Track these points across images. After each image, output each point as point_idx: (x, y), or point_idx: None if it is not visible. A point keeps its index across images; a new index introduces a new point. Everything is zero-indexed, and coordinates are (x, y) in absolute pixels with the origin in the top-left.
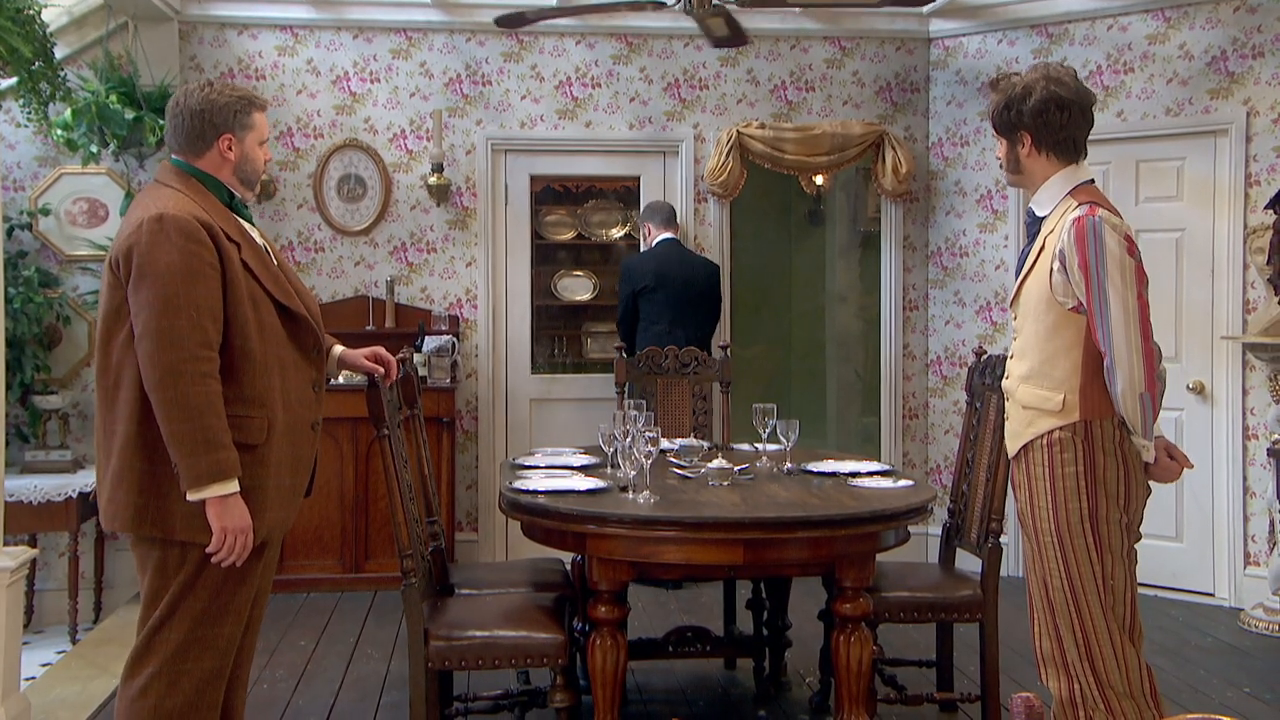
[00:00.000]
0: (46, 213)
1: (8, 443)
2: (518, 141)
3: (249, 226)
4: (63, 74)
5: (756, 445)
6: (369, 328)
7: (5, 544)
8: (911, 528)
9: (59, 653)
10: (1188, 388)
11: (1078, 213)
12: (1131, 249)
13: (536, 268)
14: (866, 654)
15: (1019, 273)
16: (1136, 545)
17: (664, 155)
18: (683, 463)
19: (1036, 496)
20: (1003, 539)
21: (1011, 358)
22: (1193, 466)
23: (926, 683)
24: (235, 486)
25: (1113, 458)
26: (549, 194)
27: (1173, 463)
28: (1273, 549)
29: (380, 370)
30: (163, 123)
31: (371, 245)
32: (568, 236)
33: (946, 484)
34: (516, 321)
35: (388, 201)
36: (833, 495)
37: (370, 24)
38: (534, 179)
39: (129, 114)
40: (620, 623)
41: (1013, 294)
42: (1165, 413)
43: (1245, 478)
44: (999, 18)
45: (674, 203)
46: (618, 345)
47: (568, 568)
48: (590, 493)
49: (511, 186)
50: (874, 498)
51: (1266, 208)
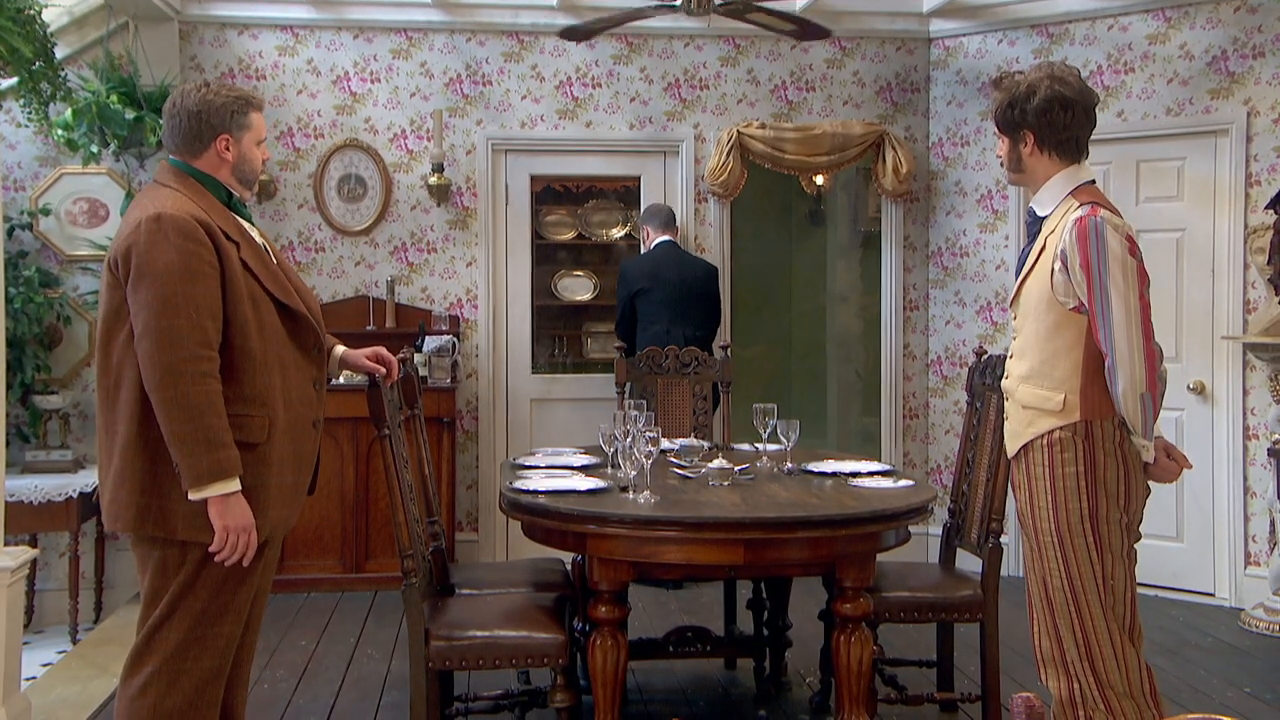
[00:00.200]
0: (47, 213)
1: (8, 443)
2: (518, 141)
3: (248, 226)
4: (63, 74)
5: (757, 445)
6: (369, 328)
7: (6, 544)
8: (912, 528)
9: (59, 653)
10: (1188, 388)
11: (1079, 213)
12: (1133, 249)
13: (537, 268)
14: (867, 654)
15: (1019, 272)
16: (1136, 545)
17: (664, 155)
18: (683, 463)
19: (1036, 496)
20: (1003, 539)
21: (1011, 357)
22: (1191, 467)
23: (927, 683)
24: (237, 485)
25: (1113, 458)
26: (549, 194)
27: (1172, 463)
28: (1273, 549)
29: (381, 370)
30: (163, 123)
31: (372, 245)
32: (568, 236)
33: (947, 484)
34: (517, 321)
35: (388, 201)
36: (833, 495)
37: (370, 24)
38: (534, 179)
39: (129, 114)
40: (621, 623)
41: (1013, 294)
42: (1166, 413)
43: (1246, 478)
44: (999, 18)
45: (674, 203)
46: (618, 345)
47: (568, 568)
48: (591, 493)
49: (512, 186)
50: (874, 498)
51: (1267, 208)
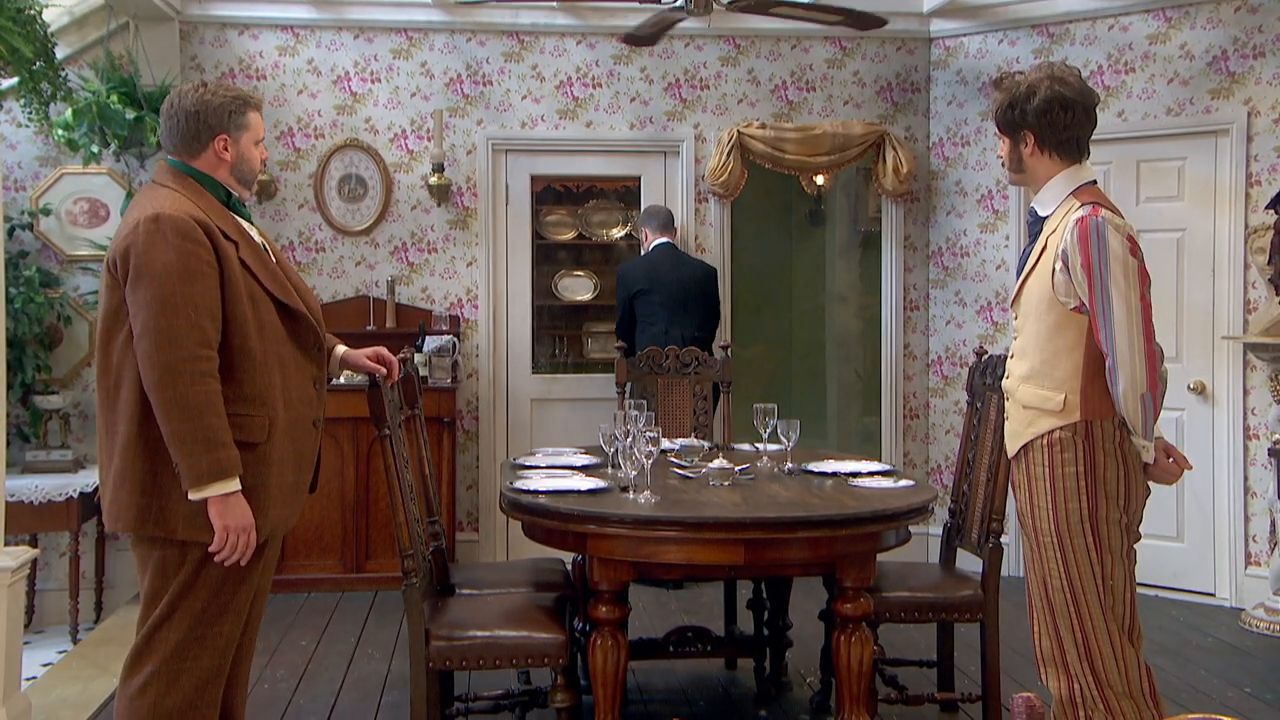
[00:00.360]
0: (47, 213)
1: (9, 443)
2: (518, 141)
3: (247, 225)
4: (64, 74)
5: (757, 445)
6: (370, 328)
7: (6, 544)
8: (912, 528)
9: (60, 652)
10: (1189, 388)
11: (1080, 213)
12: (1134, 249)
13: (537, 268)
14: (867, 654)
15: (1020, 272)
16: (1136, 545)
17: (665, 155)
18: (683, 463)
19: (1036, 496)
20: (1003, 539)
21: (1012, 357)
22: (1192, 468)
23: (927, 683)
24: (237, 485)
25: (1113, 458)
26: (550, 194)
27: (1172, 464)
28: (1273, 549)
29: (382, 370)
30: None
31: (372, 245)
32: (568, 236)
33: (947, 484)
34: (517, 321)
35: (388, 201)
36: (833, 495)
37: (371, 24)
38: (535, 179)
39: (130, 114)
40: (621, 623)
41: (1014, 294)
42: (1166, 413)
43: (1246, 478)
44: (1000, 18)
45: (675, 203)
46: (618, 345)
47: (568, 568)
48: (591, 493)
49: (512, 186)
50: (875, 498)
51: (1267, 208)
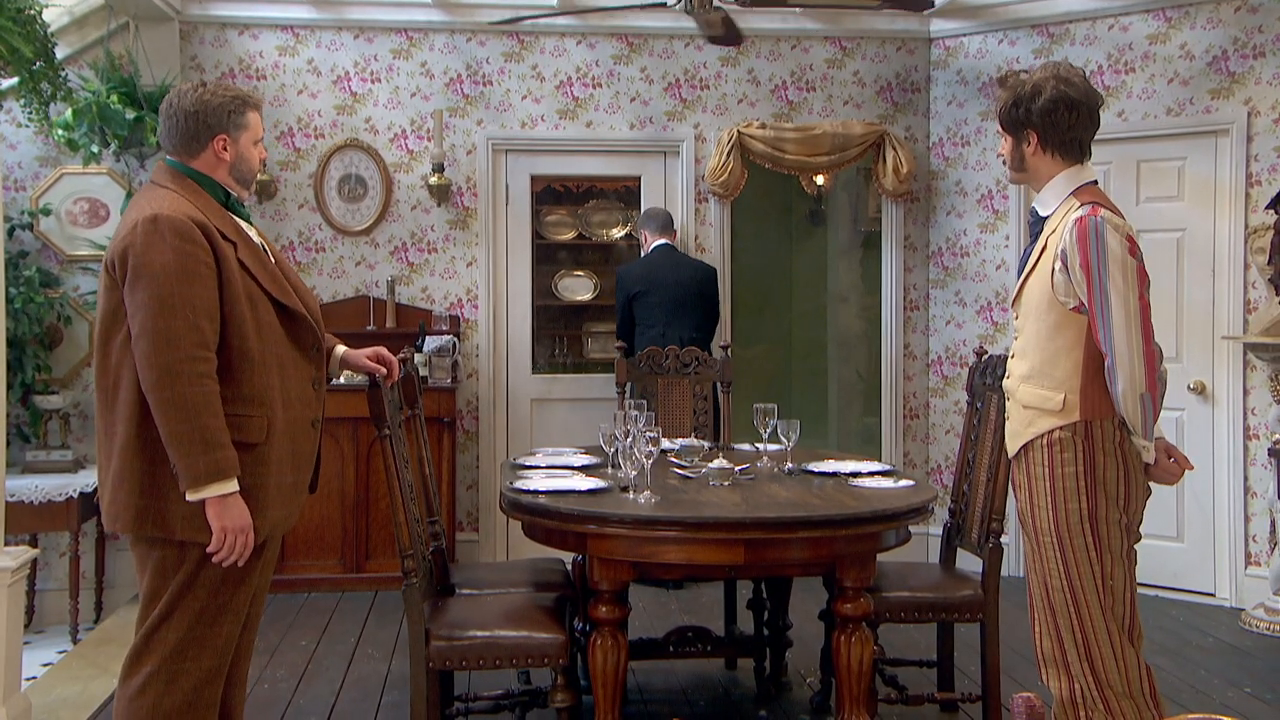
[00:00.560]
0: (47, 213)
1: (9, 443)
2: (518, 141)
3: (246, 225)
4: (64, 74)
5: (757, 445)
6: (370, 328)
7: (6, 544)
8: (912, 528)
9: (60, 652)
10: (1188, 388)
11: (1080, 213)
12: (1133, 249)
13: (537, 268)
14: (867, 654)
15: (1021, 272)
16: (1136, 546)
17: (665, 155)
18: (683, 463)
19: (1036, 496)
20: (1003, 539)
21: (1012, 357)
22: (1193, 468)
23: (927, 683)
24: (235, 486)
25: (1113, 458)
26: (549, 194)
27: (1173, 464)
28: (1274, 549)
29: (382, 370)
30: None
31: (372, 245)
32: (568, 236)
33: (947, 484)
34: (517, 321)
35: (388, 201)
36: (833, 495)
37: (371, 24)
38: (535, 179)
39: (130, 114)
40: (621, 623)
41: (1014, 293)
42: (1166, 413)
43: (1246, 478)
44: (1000, 18)
45: (675, 203)
46: (618, 345)
47: (568, 568)
48: (591, 493)
49: (512, 186)
50: (875, 498)
51: (1267, 208)
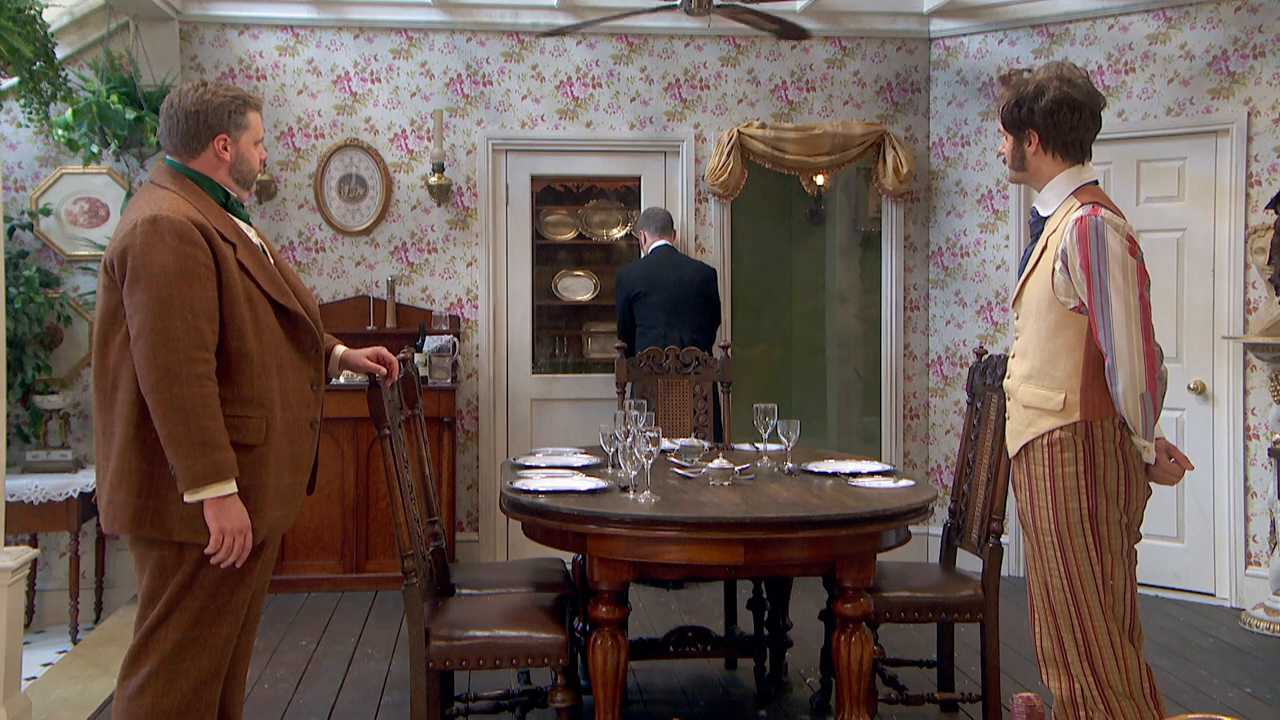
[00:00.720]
0: (47, 213)
1: (8, 443)
2: (518, 141)
3: (246, 226)
4: (64, 74)
5: (757, 445)
6: (370, 328)
7: (6, 544)
8: (912, 528)
9: (60, 652)
10: (1189, 388)
11: (1080, 212)
12: (1134, 249)
13: (537, 268)
14: (867, 654)
15: (1021, 272)
16: (1136, 546)
17: (665, 155)
18: (683, 463)
19: (1037, 496)
20: (1003, 539)
21: (1013, 357)
22: (1193, 468)
23: (927, 683)
24: (233, 487)
25: (1113, 458)
26: (550, 194)
27: (1173, 464)
28: (1274, 549)
29: (382, 370)
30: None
31: (372, 245)
32: (568, 236)
33: (947, 484)
34: (517, 321)
35: (388, 201)
36: (833, 495)
37: (371, 24)
38: (535, 179)
39: (130, 114)
40: (621, 623)
41: (1015, 293)
42: (1166, 413)
43: (1246, 478)
44: (1000, 18)
45: (675, 203)
46: (619, 345)
47: (568, 568)
48: (591, 493)
49: (512, 186)
50: (875, 498)
51: (1267, 208)
